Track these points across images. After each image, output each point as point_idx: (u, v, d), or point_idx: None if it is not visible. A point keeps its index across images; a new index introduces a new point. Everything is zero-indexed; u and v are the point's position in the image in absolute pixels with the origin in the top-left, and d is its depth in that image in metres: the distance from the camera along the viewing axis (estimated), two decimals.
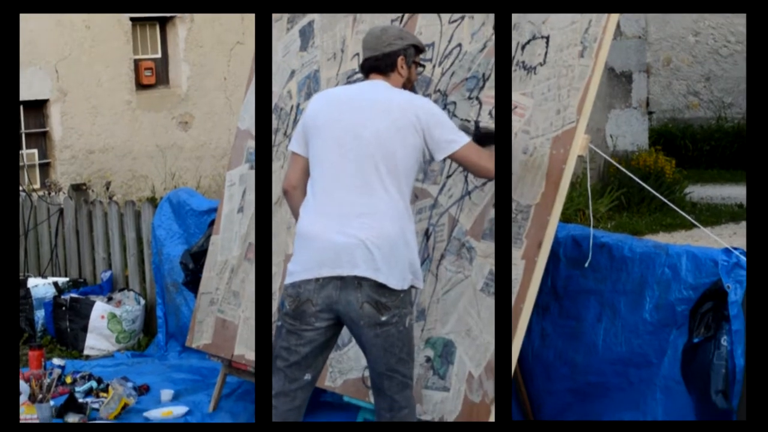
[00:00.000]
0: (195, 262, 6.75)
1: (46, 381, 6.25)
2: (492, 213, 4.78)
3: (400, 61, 4.52)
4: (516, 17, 4.84)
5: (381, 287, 4.29)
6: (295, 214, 4.61)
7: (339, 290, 4.31)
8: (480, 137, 4.65)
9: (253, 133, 6.23)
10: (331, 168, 4.41)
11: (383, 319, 4.29)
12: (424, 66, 5.00)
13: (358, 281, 4.28)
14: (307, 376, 4.45)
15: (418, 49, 4.62)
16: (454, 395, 4.75)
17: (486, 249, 4.78)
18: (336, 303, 4.33)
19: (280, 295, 4.64)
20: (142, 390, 6.62)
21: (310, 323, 4.38)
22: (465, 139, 4.44)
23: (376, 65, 4.52)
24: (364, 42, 4.58)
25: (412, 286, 4.40)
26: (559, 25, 4.72)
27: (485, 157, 4.46)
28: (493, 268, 4.69)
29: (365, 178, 4.35)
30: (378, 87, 4.49)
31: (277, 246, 5.85)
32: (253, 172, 6.18)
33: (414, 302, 4.47)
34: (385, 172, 4.34)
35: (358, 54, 5.63)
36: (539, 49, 4.76)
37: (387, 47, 4.50)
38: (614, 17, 4.59)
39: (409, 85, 4.59)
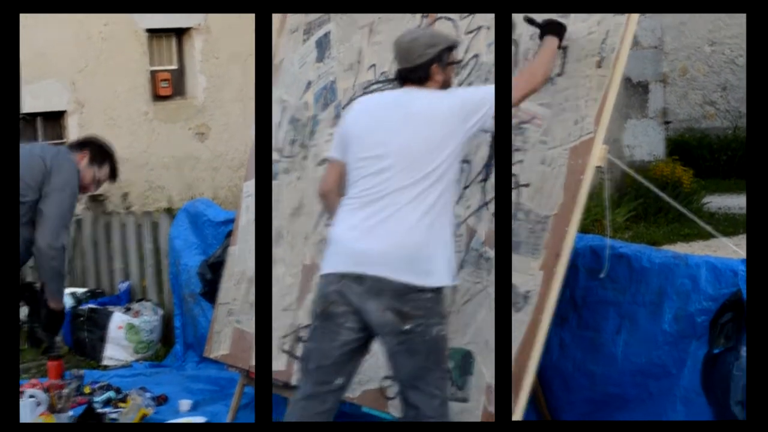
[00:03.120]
0: (212, 272, 6.75)
1: (65, 391, 6.26)
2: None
3: (434, 69, 4.47)
4: (524, 25, 4.84)
5: (402, 294, 4.25)
6: (333, 217, 4.62)
7: (360, 297, 4.31)
8: (543, 29, 4.69)
9: (271, 144, 6.24)
10: (363, 177, 4.40)
11: (406, 327, 4.26)
12: (460, 61, 4.98)
13: (379, 287, 4.26)
14: (338, 381, 4.44)
15: (451, 47, 4.59)
16: (473, 406, 4.73)
17: None
18: (360, 310, 4.33)
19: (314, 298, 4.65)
20: (161, 400, 6.62)
21: (339, 324, 4.37)
22: (493, 91, 4.41)
23: (410, 77, 4.48)
24: (396, 52, 4.52)
25: (439, 292, 4.37)
26: (577, 35, 4.71)
27: (525, 79, 4.51)
28: (512, 279, 4.68)
29: (394, 188, 4.32)
30: (413, 95, 4.45)
31: (295, 256, 5.85)
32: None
33: (444, 312, 4.44)
34: (416, 182, 4.31)
35: (374, 65, 5.64)
36: (557, 59, 4.75)
37: (419, 58, 4.44)
38: (632, 28, 4.58)
39: (447, 86, 4.56)
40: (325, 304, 4.40)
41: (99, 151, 6.03)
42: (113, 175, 6.14)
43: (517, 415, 4.53)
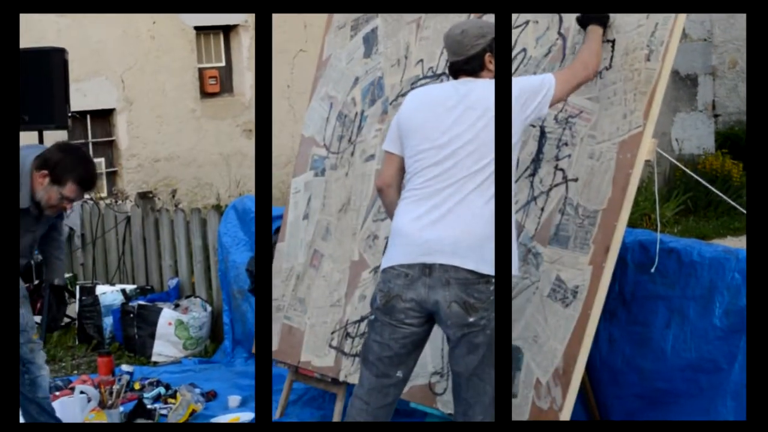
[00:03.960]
0: None
1: (116, 387, 6.32)
2: (559, 218, 4.76)
3: (487, 58, 4.47)
4: (570, 19, 4.83)
5: (468, 284, 4.26)
6: (390, 212, 4.63)
7: (428, 289, 4.31)
8: (584, 21, 4.71)
9: (318, 140, 6.26)
10: (426, 167, 4.41)
11: (471, 320, 4.28)
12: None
13: (447, 277, 4.27)
14: (399, 373, 4.46)
15: None
16: (522, 401, 4.73)
17: (552, 255, 4.76)
18: (425, 302, 4.33)
19: (372, 291, 4.66)
20: (210, 396, 6.66)
21: (400, 319, 4.39)
22: (550, 78, 4.45)
23: (464, 68, 4.49)
24: (447, 46, 4.53)
25: None
26: (625, 28, 4.69)
27: (578, 68, 4.55)
28: (560, 274, 4.67)
29: (460, 176, 4.33)
30: (470, 86, 4.45)
31: (343, 253, 5.87)
32: (318, 180, 6.20)
33: None
34: (478, 171, 4.32)
35: (422, 60, 5.64)
36: (605, 53, 4.73)
37: (471, 49, 4.46)
38: (681, 21, 4.55)
39: None
40: (387, 297, 4.41)
41: (58, 170, 5.22)
42: (86, 186, 5.34)
43: (567, 409, 4.53)
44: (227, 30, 12.55)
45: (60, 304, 5.85)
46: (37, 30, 10.72)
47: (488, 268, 4.26)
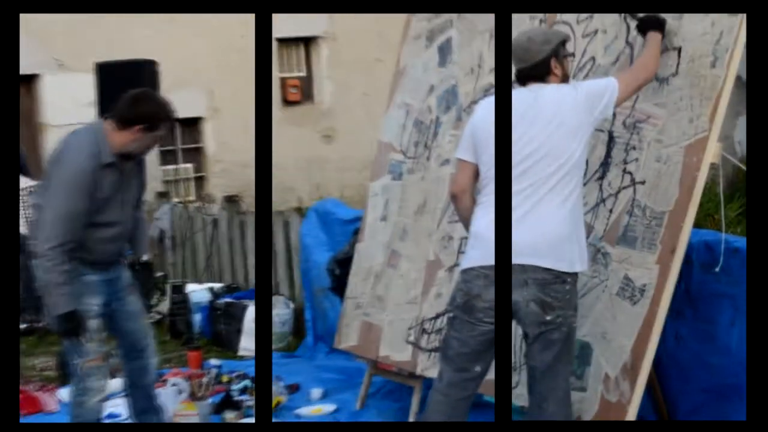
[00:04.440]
0: (341, 268, 6.81)
1: (205, 380, 6.38)
2: (627, 219, 4.72)
3: (553, 63, 4.47)
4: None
5: (546, 283, 4.26)
6: (464, 217, 4.63)
7: None
8: (643, 26, 4.69)
9: (395, 146, 6.28)
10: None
11: (548, 318, 4.28)
12: (573, 54, 4.96)
13: (525, 277, 4.27)
14: (477, 368, 4.46)
15: (564, 41, 4.57)
16: (591, 395, 4.70)
17: (620, 254, 4.72)
18: None
19: (452, 290, 4.65)
20: (293, 389, 6.70)
21: (479, 318, 4.39)
22: (613, 81, 4.45)
23: (532, 74, 4.48)
24: (514, 53, 4.49)
25: (575, 283, 4.36)
26: (691, 36, 4.64)
27: (639, 70, 4.56)
28: (629, 273, 4.64)
29: (534, 180, 4.32)
30: (539, 91, 4.44)
31: (419, 253, 5.87)
32: (395, 183, 6.21)
33: (577, 306, 4.44)
34: (552, 174, 4.31)
35: (494, 68, 5.63)
36: (671, 60, 4.69)
37: (537, 56, 4.45)
38: (744, 29, 4.49)
39: (566, 78, 4.55)
40: (467, 297, 4.41)
41: (152, 120, 5.01)
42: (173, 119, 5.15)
43: (635, 403, 4.50)
44: (308, 41, 12.62)
45: (148, 278, 5.69)
46: (129, 41, 10.88)
47: (565, 266, 4.27)
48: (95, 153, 4.85)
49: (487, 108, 4.58)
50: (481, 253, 4.39)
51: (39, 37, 10.08)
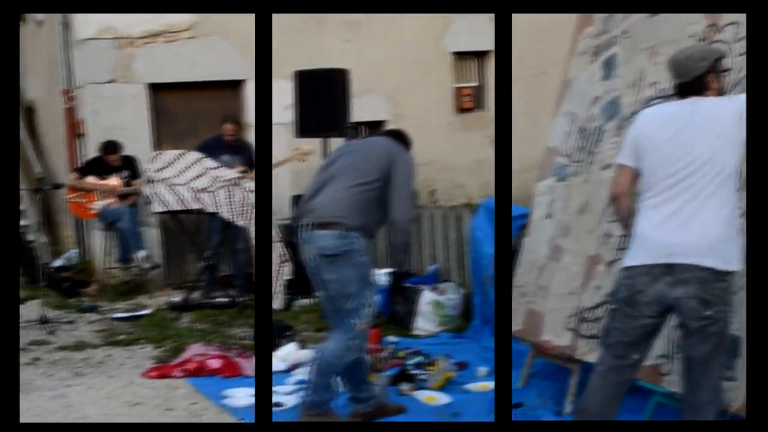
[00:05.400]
0: None
1: (384, 354, 6.50)
2: None
3: (710, 78, 4.41)
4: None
5: (706, 281, 4.21)
6: (623, 218, 4.62)
7: (669, 286, 4.29)
8: None
9: (561, 150, 6.27)
10: (664, 178, 4.37)
11: (707, 313, 4.24)
12: (728, 69, 4.88)
13: (687, 276, 4.24)
14: (635, 356, 4.46)
15: (720, 57, 4.50)
16: (741, 385, 4.60)
17: None
18: (665, 297, 4.31)
19: (614, 284, 4.64)
20: (462, 366, 6.76)
21: (640, 311, 4.38)
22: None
23: (691, 88, 4.42)
24: (674, 69, 4.47)
25: (731, 281, 4.28)
26: None
27: None
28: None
29: (695, 184, 4.28)
30: (699, 104, 4.38)
31: (581, 248, 5.85)
32: (560, 184, 6.21)
33: (733, 302, 4.36)
34: (711, 180, 4.26)
35: (655, 82, 5.56)
36: None
37: (695, 71, 4.40)
38: None
39: (722, 92, 4.48)
40: (631, 291, 4.39)
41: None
42: None
43: None
44: (481, 54, 12.64)
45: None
46: (323, 51, 11.11)
47: (725, 265, 4.22)
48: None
49: (649, 118, 4.55)
50: (646, 252, 4.36)
51: (246, 46, 10.35)
